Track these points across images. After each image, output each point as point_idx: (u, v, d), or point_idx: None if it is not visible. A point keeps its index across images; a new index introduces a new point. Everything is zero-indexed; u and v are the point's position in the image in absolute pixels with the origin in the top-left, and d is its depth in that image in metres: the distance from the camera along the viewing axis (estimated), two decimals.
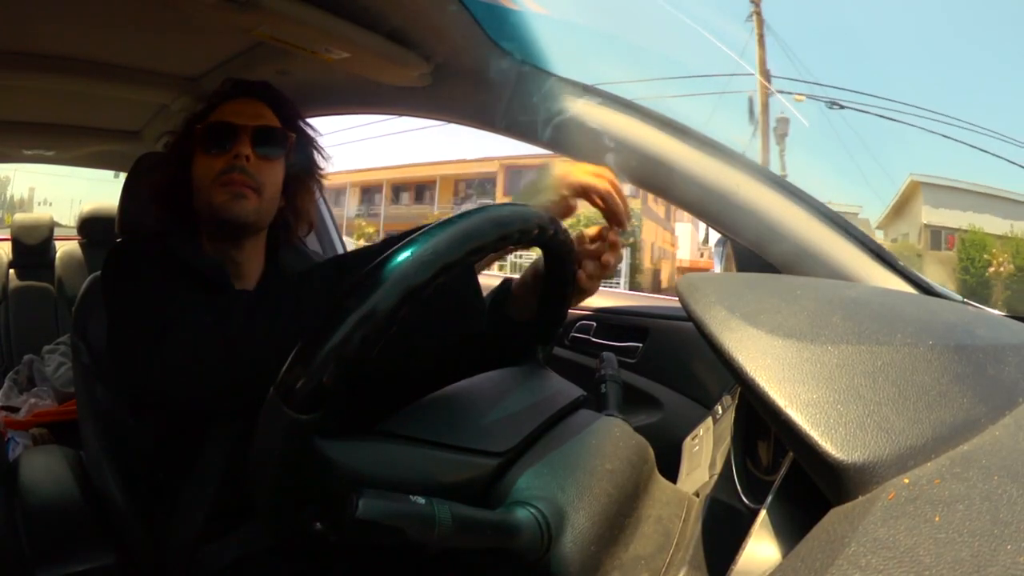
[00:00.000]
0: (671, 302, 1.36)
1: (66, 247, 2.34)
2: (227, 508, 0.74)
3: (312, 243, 1.71)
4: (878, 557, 0.24)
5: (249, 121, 0.84)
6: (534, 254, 0.69)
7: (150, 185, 0.89)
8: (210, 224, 0.84)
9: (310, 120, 0.93)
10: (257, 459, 0.42)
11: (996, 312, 0.74)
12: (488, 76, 0.98)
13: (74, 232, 2.40)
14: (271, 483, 0.42)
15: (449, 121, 1.16)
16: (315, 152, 0.93)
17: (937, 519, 0.25)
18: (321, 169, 0.95)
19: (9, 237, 2.40)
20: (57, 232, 2.45)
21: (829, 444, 0.29)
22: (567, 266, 0.63)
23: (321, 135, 0.94)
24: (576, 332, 1.34)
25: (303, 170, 0.92)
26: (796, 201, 0.92)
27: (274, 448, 0.40)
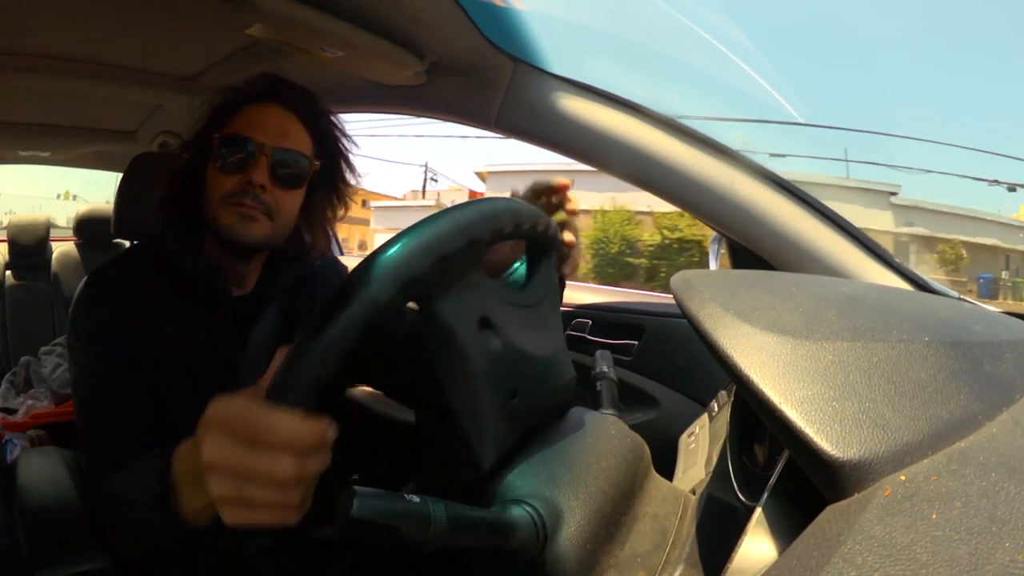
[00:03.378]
0: (667, 299, 1.36)
1: (63, 248, 2.33)
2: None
3: None
4: (874, 554, 0.24)
5: (271, 140, 0.76)
6: None
7: (162, 184, 0.83)
8: (214, 238, 0.79)
9: None
10: None
11: (993, 309, 0.74)
12: (483, 74, 0.97)
13: (70, 233, 2.39)
14: None
15: (444, 119, 1.16)
16: (346, 171, 0.85)
17: (934, 516, 0.24)
18: (350, 190, 0.87)
19: (5, 238, 2.39)
20: (53, 233, 2.44)
21: (824, 441, 0.29)
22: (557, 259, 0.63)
23: (359, 149, 0.86)
24: (571, 330, 1.33)
25: (327, 194, 0.84)
26: (791, 198, 0.92)
27: None
